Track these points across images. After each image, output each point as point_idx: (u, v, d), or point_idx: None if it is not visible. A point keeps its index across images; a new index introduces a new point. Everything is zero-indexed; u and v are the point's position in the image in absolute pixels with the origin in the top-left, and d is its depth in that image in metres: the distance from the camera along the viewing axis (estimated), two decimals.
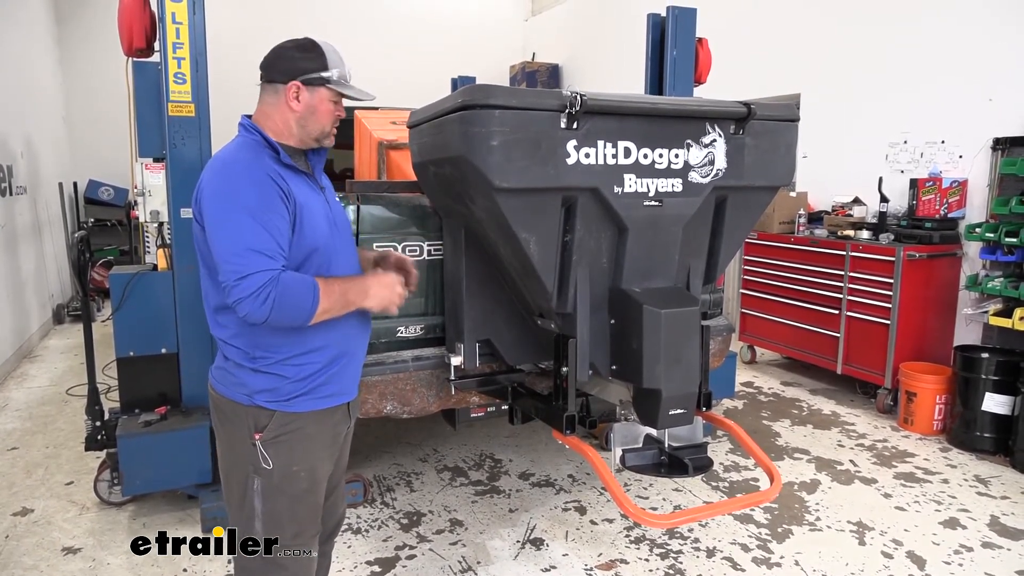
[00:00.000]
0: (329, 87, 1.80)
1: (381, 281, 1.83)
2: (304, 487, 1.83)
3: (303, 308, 1.65)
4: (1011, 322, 4.15)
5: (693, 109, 2.34)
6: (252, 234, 1.62)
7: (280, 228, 1.67)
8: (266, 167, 1.70)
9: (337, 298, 1.72)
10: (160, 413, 3.19)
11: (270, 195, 1.67)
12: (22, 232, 6.40)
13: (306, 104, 1.79)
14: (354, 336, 1.90)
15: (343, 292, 1.74)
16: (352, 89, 1.85)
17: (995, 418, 4.09)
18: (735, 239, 2.62)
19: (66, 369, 5.79)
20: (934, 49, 4.99)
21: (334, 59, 1.81)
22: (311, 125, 1.82)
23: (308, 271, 1.75)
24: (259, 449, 1.78)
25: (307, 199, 1.77)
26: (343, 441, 2.02)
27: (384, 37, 9.92)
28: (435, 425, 4.44)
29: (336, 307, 1.72)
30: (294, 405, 1.78)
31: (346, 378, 1.89)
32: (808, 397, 5.22)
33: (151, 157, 3.33)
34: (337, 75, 1.80)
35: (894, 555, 3.06)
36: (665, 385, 2.23)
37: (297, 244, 1.73)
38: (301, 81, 1.77)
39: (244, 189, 1.66)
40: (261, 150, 1.75)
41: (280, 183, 1.70)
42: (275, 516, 1.82)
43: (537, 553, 3.07)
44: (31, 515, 3.35)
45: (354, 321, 1.88)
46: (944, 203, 4.77)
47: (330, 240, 1.82)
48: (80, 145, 8.86)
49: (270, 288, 1.59)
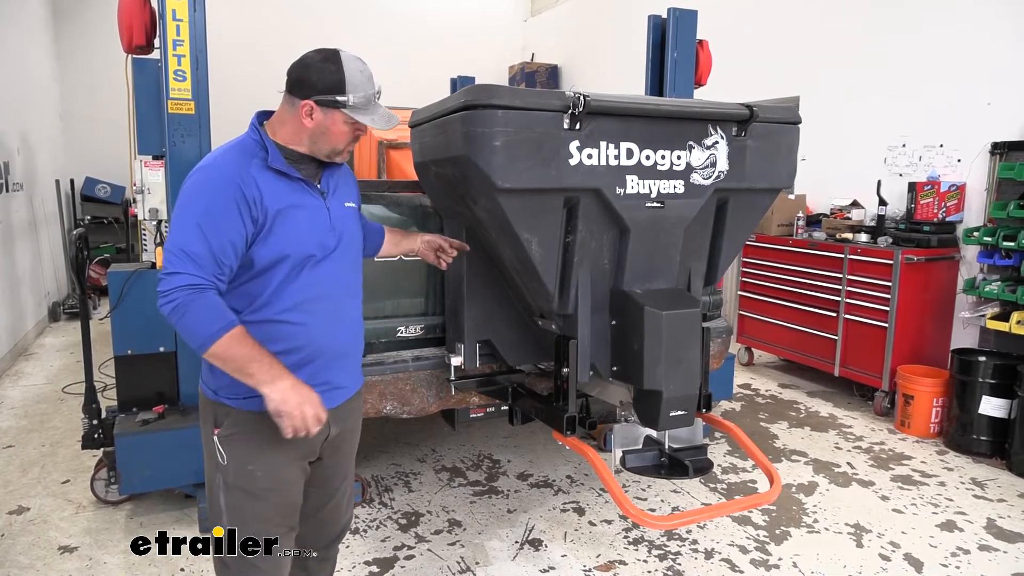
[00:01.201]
0: (344, 111, 1.74)
1: (300, 392, 1.67)
2: (264, 486, 1.80)
3: (198, 336, 1.61)
4: (1008, 326, 4.16)
5: (696, 111, 2.34)
6: (190, 238, 1.63)
7: (225, 236, 1.64)
8: (242, 173, 1.68)
9: (238, 359, 1.63)
10: (158, 412, 3.18)
11: (225, 202, 1.65)
12: (18, 229, 6.38)
13: (318, 123, 1.75)
14: (328, 340, 1.84)
15: (248, 359, 1.63)
16: (370, 116, 1.78)
17: (992, 421, 4.10)
18: (736, 241, 2.62)
19: (62, 367, 5.77)
20: (933, 53, 5.01)
21: (356, 80, 1.75)
22: (321, 143, 1.79)
23: (277, 275, 1.73)
24: (216, 444, 1.80)
25: (290, 207, 1.74)
26: (333, 449, 1.97)
27: (384, 37, 9.91)
28: (433, 425, 4.44)
29: (230, 365, 1.64)
30: (252, 404, 1.74)
31: (318, 383, 1.80)
32: (806, 399, 5.22)
33: (150, 154, 3.32)
34: (355, 99, 1.74)
35: (891, 557, 3.06)
36: (666, 386, 2.23)
37: (264, 250, 1.71)
38: (315, 101, 1.73)
39: (201, 193, 1.68)
40: (252, 151, 1.74)
41: (249, 190, 1.67)
42: (239, 513, 1.82)
43: (536, 554, 3.07)
44: (27, 514, 3.34)
45: (323, 326, 1.82)
46: (942, 207, 4.78)
47: (311, 247, 1.77)
48: (77, 142, 8.83)
49: (183, 296, 1.60)
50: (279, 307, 1.75)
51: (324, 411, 1.72)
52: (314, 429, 1.69)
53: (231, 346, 1.62)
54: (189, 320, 1.61)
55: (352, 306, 1.94)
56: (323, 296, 1.82)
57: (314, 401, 1.70)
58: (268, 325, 1.75)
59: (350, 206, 1.94)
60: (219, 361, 1.64)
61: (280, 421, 1.67)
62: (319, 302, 1.81)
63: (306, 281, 1.78)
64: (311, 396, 1.70)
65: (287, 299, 1.76)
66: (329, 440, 1.93)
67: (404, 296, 3.01)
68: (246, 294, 1.74)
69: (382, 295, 2.94)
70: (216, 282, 1.65)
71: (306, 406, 1.67)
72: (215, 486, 1.83)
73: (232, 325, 1.62)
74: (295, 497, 1.90)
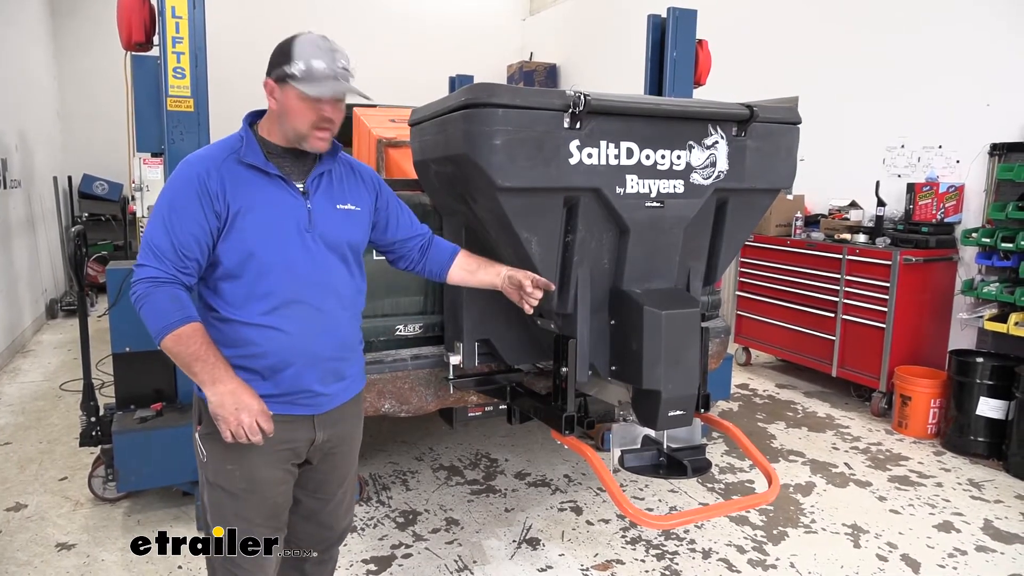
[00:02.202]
0: (292, 84, 1.67)
1: (239, 398, 1.64)
2: (242, 487, 1.79)
3: (151, 328, 1.63)
4: (1006, 327, 4.17)
5: (696, 110, 2.34)
6: (156, 232, 1.67)
7: (187, 230, 1.66)
8: (208, 167, 1.69)
9: (184, 356, 1.63)
10: (156, 409, 3.18)
11: (187, 197, 1.66)
12: (16, 226, 6.36)
13: (280, 103, 1.71)
14: (304, 347, 1.77)
15: (194, 358, 1.62)
16: (314, 86, 1.66)
17: (989, 422, 4.11)
18: (735, 241, 2.62)
19: (59, 364, 5.76)
20: (932, 54, 5.01)
21: (304, 51, 1.67)
22: (286, 126, 1.73)
23: (247, 276, 1.71)
24: (198, 441, 1.81)
25: (258, 203, 1.70)
26: (326, 455, 1.93)
27: (383, 35, 9.91)
28: (431, 424, 4.44)
29: (179, 361, 1.65)
30: None
31: (300, 390, 1.78)
32: (803, 400, 5.23)
33: (149, 152, 3.31)
34: (300, 69, 1.65)
35: (888, 558, 3.07)
36: (665, 386, 2.23)
37: (229, 248, 1.70)
38: (272, 78, 1.71)
39: (168, 188, 1.71)
40: (230, 148, 1.74)
41: (213, 185, 1.67)
42: (219, 511, 1.82)
43: (533, 553, 3.07)
44: (24, 511, 3.33)
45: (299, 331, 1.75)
46: (941, 208, 4.79)
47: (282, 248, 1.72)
48: (75, 139, 8.82)
49: (142, 289, 1.64)
50: (251, 310, 1.72)
51: (269, 421, 1.68)
52: (253, 438, 1.65)
53: (179, 342, 1.62)
54: (145, 312, 1.64)
55: (337, 310, 1.84)
56: (299, 300, 1.75)
57: (253, 409, 1.65)
58: (241, 327, 1.73)
59: (346, 208, 1.85)
60: (170, 355, 1.66)
61: (219, 425, 1.66)
62: (295, 306, 1.75)
63: (280, 283, 1.73)
64: (250, 403, 1.65)
65: (260, 302, 1.72)
66: (317, 445, 1.87)
67: (403, 294, 3.01)
68: (221, 293, 1.74)
69: (381, 293, 2.93)
70: (179, 275, 1.66)
71: (243, 413, 1.64)
72: (200, 483, 1.85)
73: (183, 322, 1.63)
74: (278, 498, 1.85)
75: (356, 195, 1.90)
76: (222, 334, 1.73)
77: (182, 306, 1.64)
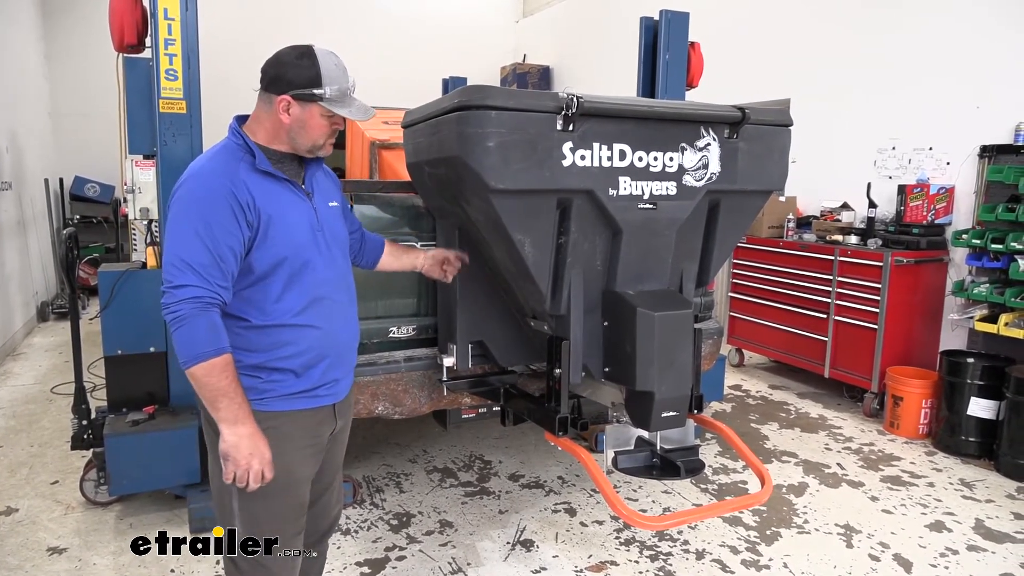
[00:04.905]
0: (321, 104, 1.76)
1: (255, 444, 1.68)
2: (280, 486, 1.81)
3: (186, 352, 1.62)
4: (996, 327, 4.20)
5: (688, 112, 2.35)
6: (191, 248, 1.64)
7: (224, 246, 1.65)
8: (232, 178, 1.69)
9: (212, 389, 1.63)
10: (148, 412, 3.16)
11: (222, 212, 1.66)
12: (7, 228, 6.33)
13: (296, 118, 1.76)
14: (334, 340, 1.88)
15: (222, 392, 1.64)
16: (347, 108, 1.80)
17: (980, 422, 4.14)
18: (728, 243, 2.63)
19: (50, 367, 5.73)
20: (923, 56, 5.05)
21: (331, 74, 1.76)
22: (301, 138, 1.80)
23: (278, 279, 1.75)
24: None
25: (281, 208, 1.76)
26: (332, 442, 2.00)
27: (376, 37, 9.90)
28: (424, 426, 4.43)
29: (204, 392, 1.65)
30: (269, 404, 1.78)
31: (328, 380, 1.87)
32: (796, 400, 5.25)
33: (141, 154, 3.30)
34: (331, 92, 1.75)
35: (881, 558, 3.08)
36: (658, 388, 2.24)
37: (262, 254, 1.72)
38: (292, 96, 1.74)
39: (195, 201, 1.67)
40: (238, 156, 1.75)
41: (242, 195, 1.68)
42: (252, 514, 1.82)
43: (527, 554, 3.07)
44: (15, 515, 3.31)
45: (329, 326, 1.85)
46: (931, 209, 4.82)
47: (305, 249, 1.79)
48: (66, 141, 8.77)
49: (186, 309, 1.61)
50: (286, 311, 1.77)
51: (271, 470, 1.72)
52: (254, 484, 1.70)
53: (210, 373, 1.62)
54: (184, 334, 1.62)
55: (349, 303, 1.97)
56: (325, 296, 1.84)
57: (264, 458, 1.70)
58: (278, 330, 1.77)
59: (334, 205, 1.96)
60: (195, 383, 1.65)
61: (224, 464, 1.69)
62: (322, 302, 1.84)
63: (308, 283, 1.80)
64: (264, 452, 1.70)
65: (293, 302, 1.78)
66: (334, 434, 1.98)
67: (396, 296, 3.01)
68: (251, 301, 1.75)
69: (374, 295, 2.93)
70: (221, 292, 1.66)
71: (255, 459, 1.68)
72: (226, 489, 1.79)
73: (217, 353, 1.63)
74: (304, 497, 1.92)
75: (334, 192, 2.01)
76: (252, 341, 1.75)
77: (219, 336, 1.64)
